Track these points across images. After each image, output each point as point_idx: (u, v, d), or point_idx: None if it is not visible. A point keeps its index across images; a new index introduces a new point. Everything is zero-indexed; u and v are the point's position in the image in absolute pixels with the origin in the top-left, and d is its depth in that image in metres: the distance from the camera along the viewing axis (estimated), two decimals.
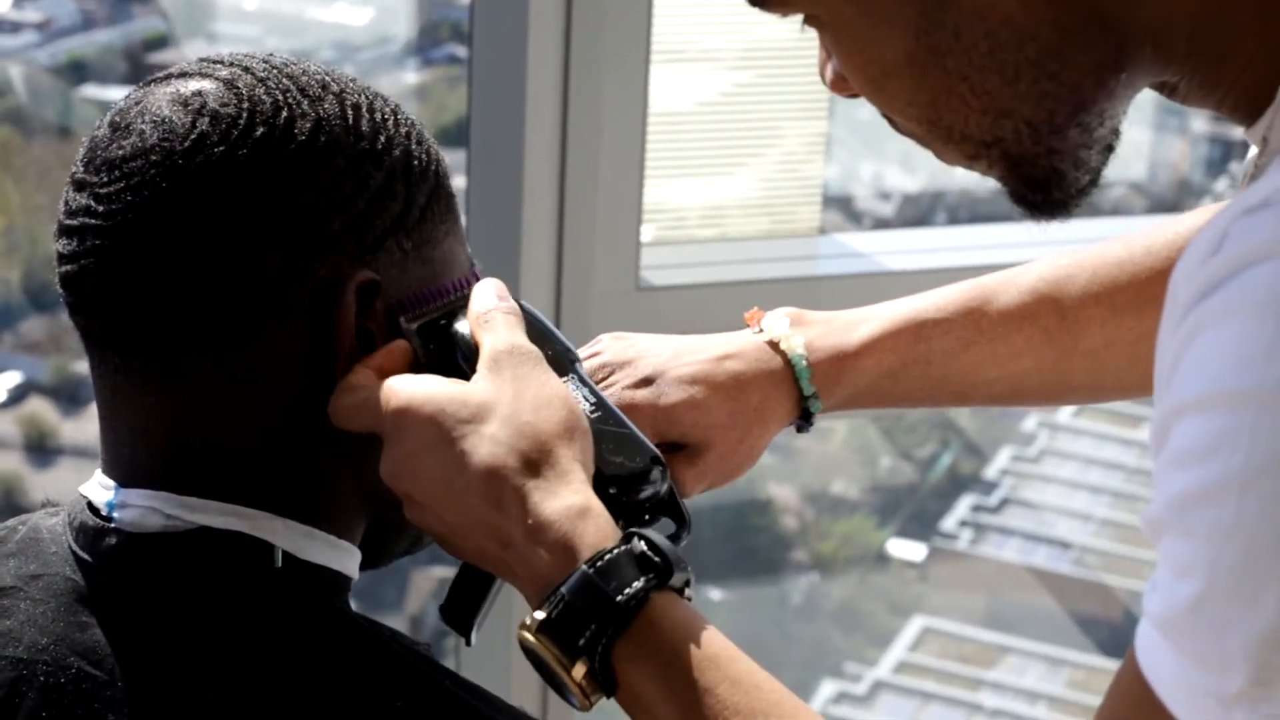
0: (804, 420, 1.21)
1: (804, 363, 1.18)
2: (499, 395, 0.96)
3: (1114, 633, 5.68)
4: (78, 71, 4.24)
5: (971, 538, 5.69)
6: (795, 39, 2.54)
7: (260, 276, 0.95)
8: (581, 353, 1.12)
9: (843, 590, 5.41)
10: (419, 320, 1.00)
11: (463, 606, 1.01)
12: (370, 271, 0.98)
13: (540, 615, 0.92)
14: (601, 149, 2.07)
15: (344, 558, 1.01)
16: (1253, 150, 1.02)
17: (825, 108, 2.33)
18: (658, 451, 1.04)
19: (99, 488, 1.00)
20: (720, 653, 0.92)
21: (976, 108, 0.91)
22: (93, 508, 0.99)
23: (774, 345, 1.19)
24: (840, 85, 0.97)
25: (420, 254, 1.00)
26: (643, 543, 0.93)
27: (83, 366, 0.99)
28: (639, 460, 1.02)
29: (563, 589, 0.92)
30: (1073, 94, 0.90)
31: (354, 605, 1.04)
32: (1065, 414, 6.14)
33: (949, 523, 5.64)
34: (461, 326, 1.01)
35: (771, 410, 1.18)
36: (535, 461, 0.94)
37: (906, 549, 5.56)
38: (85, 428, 4.12)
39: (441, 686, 0.97)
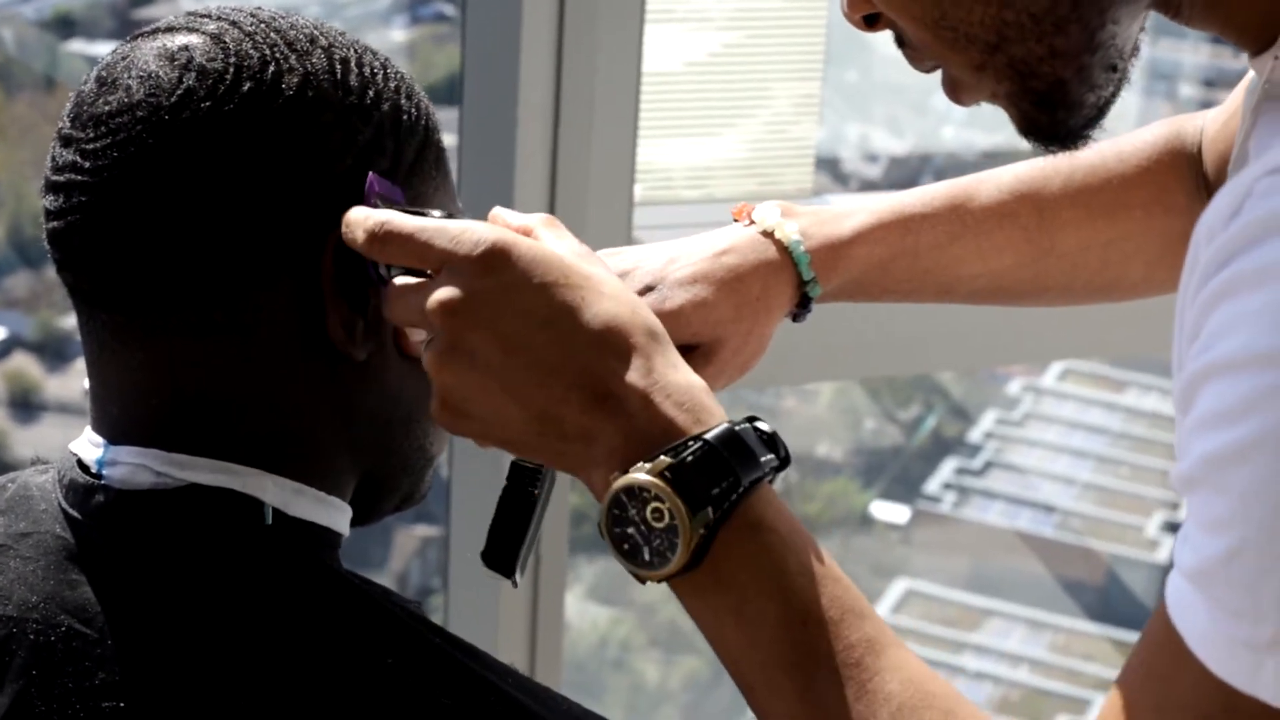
0: (801, 308, 1.22)
1: (801, 248, 1.20)
2: (604, 275, 0.95)
3: (1098, 596, 5.71)
4: (65, 26, 4.22)
5: (955, 500, 5.71)
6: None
7: (247, 232, 0.94)
8: None
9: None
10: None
11: (505, 547, 0.99)
12: None
13: (667, 459, 0.90)
14: (595, 108, 2.05)
15: (334, 514, 1.01)
16: (1250, 74, 1.02)
17: (815, 69, 2.32)
18: None
19: (89, 445, 0.99)
20: (821, 549, 0.93)
21: None
22: (83, 465, 0.99)
23: (768, 235, 1.20)
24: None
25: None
26: (765, 425, 0.94)
27: (67, 322, 0.98)
28: None
29: (707, 436, 0.90)
30: None
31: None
32: (1050, 378, 6.16)
33: (933, 485, 5.66)
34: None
35: (773, 298, 1.19)
36: (657, 334, 0.94)
37: (890, 511, 5.58)
38: (69, 384, 4.11)
39: (433, 644, 0.97)
